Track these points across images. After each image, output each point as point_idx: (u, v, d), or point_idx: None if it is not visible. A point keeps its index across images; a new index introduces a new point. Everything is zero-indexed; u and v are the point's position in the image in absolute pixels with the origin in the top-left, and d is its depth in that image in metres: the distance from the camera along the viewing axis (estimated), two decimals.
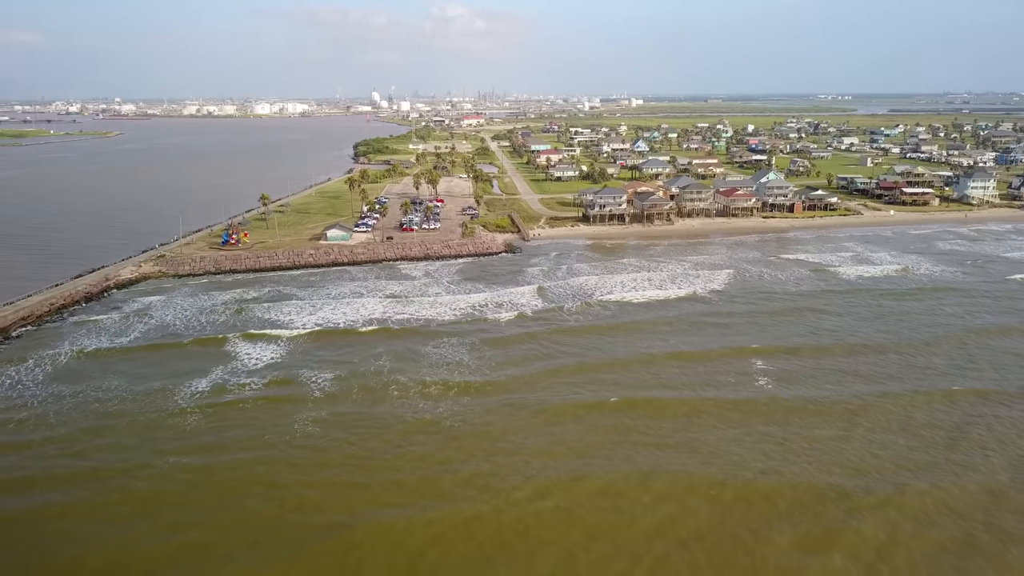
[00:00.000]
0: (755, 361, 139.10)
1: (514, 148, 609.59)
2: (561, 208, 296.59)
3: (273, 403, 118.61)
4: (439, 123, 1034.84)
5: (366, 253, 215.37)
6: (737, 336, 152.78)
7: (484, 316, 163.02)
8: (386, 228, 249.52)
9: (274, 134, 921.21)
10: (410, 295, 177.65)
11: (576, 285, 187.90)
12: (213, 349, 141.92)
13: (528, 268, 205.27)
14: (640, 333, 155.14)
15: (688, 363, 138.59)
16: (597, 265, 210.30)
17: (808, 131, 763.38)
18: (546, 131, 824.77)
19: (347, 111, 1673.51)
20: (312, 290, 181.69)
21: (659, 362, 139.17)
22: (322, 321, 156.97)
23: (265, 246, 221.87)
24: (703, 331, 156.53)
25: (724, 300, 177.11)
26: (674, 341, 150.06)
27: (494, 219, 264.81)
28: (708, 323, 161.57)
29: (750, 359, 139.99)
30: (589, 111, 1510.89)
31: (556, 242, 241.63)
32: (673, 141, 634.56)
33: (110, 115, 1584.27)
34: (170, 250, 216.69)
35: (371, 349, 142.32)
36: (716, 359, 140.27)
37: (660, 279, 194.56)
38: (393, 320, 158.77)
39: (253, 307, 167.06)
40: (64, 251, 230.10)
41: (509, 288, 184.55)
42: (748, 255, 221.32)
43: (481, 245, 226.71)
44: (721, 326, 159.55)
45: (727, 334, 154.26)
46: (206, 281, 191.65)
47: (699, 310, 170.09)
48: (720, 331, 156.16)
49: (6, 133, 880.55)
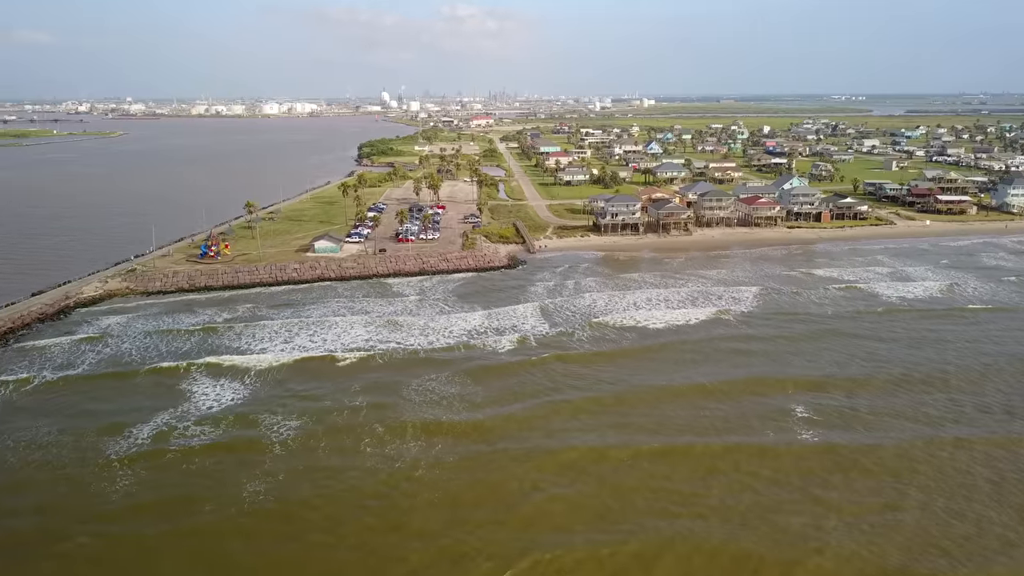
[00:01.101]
0: (787, 397, 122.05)
1: (523, 150, 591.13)
2: (570, 216, 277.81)
3: (223, 457, 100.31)
4: (448, 123, 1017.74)
5: (356, 268, 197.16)
6: (766, 366, 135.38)
7: (481, 343, 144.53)
8: (381, 238, 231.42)
9: (279, 134, 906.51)
10: (399, 318, 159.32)
11: (584, 306, 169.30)
12: (167, 385, 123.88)
13: (532, 285, 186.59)
14: (656, 363, 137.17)
15: (711, 399, 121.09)
16: (608, 281, 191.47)
17: (826, 133, 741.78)
18: (556, 132, 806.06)
19: (356, 111, 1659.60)
20: (291, 311, 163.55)
21: (678, 398, 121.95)
22: (297, 350, 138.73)
23: (247, 259, 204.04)
24: (727, 360, 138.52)
25: (750, 323, 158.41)
26: (695, 373, 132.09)
27: (497, 228, 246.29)
28: (733, 350, 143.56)
29: (781, 394, 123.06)
30: (600, 111, 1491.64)
31: (564, 254, 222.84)
32: (687, 143, 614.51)
33: (119, 115, 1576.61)
34: (143, 263, 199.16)
35: (349, 385, 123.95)
36: (743, 394, 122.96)
37: (678, 298, 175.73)
38: (377, 349, 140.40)
39: (223, 332, 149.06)
40: (30, 263, 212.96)
41: (510, 309, 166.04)
42: (774, 271, 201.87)
43: (482, 258, 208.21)
44: (747, 354, 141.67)
45: (755, 364, 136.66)
46: (176, 300, 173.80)
47: (722, 335, 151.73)
48: (747, 360, 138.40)
49: (8, 133, 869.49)
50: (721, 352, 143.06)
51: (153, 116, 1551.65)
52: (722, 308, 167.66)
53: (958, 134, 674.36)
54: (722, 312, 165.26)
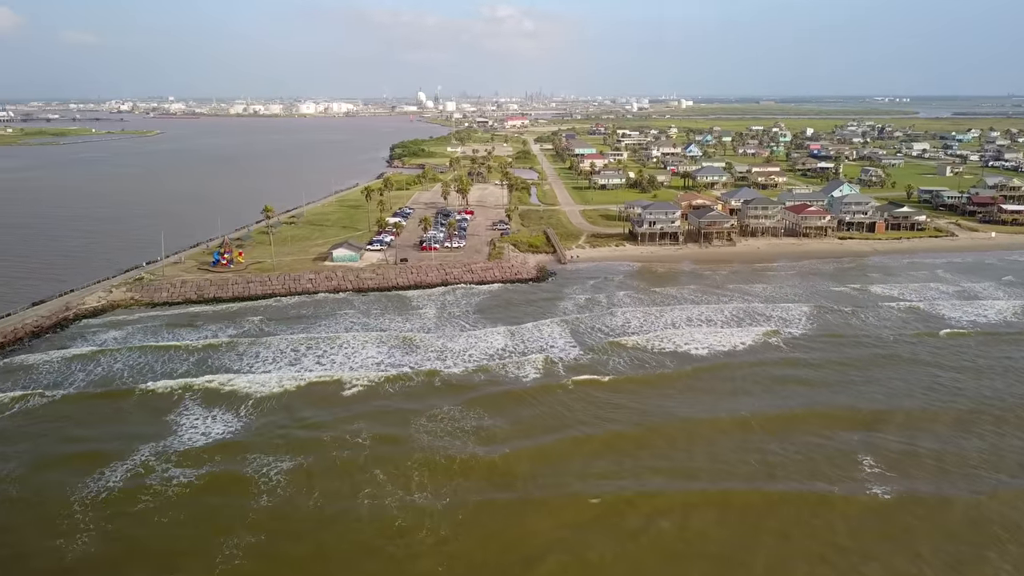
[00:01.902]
0: (842, 434, 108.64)
1: (557, 151, 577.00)
2: (605, 223, 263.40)
3: (201, 505, 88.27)
4: (482, 124, 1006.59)
5: (374, 279, 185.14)
6: (819, 397, 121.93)
7: (502, 367, 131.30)
8: (404, 246, 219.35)
9: (313, 134, 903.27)
10: (416, 336, 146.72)
11: (617, 325, 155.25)
12: (156, 412, 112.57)
13: (561, 300, 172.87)
14: (696, 392, 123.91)
15: (757, 436, 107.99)
16: (644, 297, 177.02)
17: (873, 135, 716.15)
18: (592, 133, 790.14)
19: (392, 111, 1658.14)
20: (301, 327, 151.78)
21: (720, 434, 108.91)
22: (302, 374, 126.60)
23: (260, 267, 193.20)
24: (776, 390, 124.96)
25: (800, 347, 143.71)
26: (740, 404, 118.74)
27: (527, 236, 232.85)
28: (782, 378, 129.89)
29: (836, 430, 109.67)
30: (637, 112, 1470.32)
31: (597, 265, 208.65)
32: (727, 145, 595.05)
33: (159, 114, 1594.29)
34: (152, 271, 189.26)
35: (354, 417, 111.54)
36: (793, 430, 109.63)
37: (721, 317, 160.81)
38: (389, 373, 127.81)
39: (225, 351, 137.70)
40: (41, 268, 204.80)
41: (536, 327, 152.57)
42: (826, 287, 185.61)
43: (509, 269, 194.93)
44: (799, 383, 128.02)
45: (806, 394, 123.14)
46: (181, 312, 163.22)
47: (770, 360, 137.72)
48: (797, 390, 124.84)
49: (47, 131, 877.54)
50: (769, 380, 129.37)
51: (192, 115, 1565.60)
52: (769, 329, 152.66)
53: (1013, 138, 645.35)
54: (769, 334, 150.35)
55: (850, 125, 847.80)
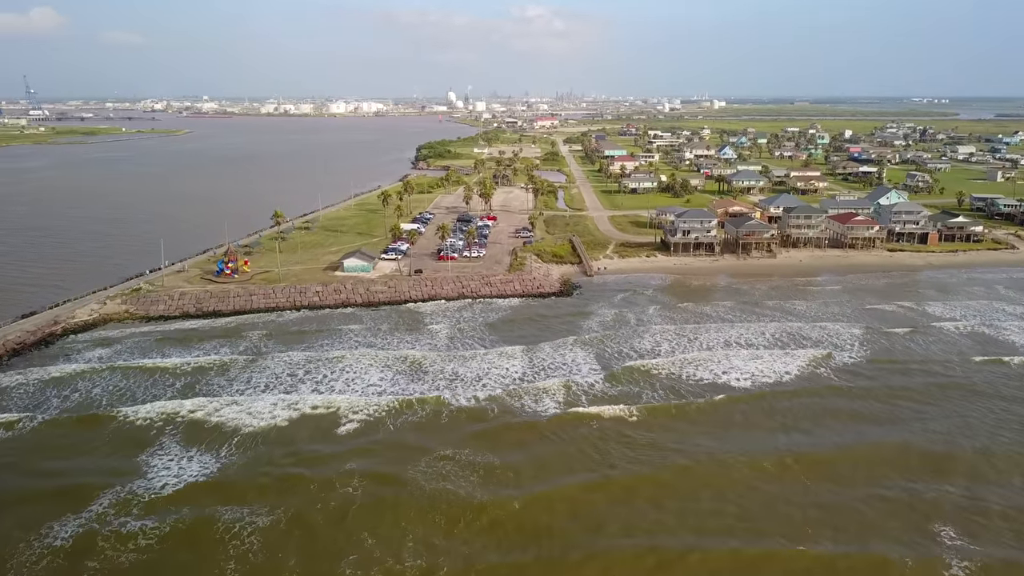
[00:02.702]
0: (906, 481, 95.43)
1: (586, 153, 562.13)
2: (634, 230, 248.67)
3: (155, 573, 76.01)
4: (511, 124, 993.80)
5: (386, 291, 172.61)
6: (877, 434, 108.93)
7: (519, 399, 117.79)
8: (420, 255, 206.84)
9: (341, 134, 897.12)
10: (426, 358, 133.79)
11: (647, 348, 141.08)
12: (129, 448, 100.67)
13: (586, 318, 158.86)
14: (735, 427, 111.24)
15: (807, 481, 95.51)
16: (676, 315, 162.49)
17: (915, 138, 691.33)
18: (623, 134, 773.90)
19: (421, 111, 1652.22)
20: (302, 347, 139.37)
21: (763, 478, 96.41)
22: (296, 403, 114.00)
23: (266, 278, 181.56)
24: (828, 426, 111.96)
25: (854, 376, 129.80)
26: (786, 442, 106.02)
27: (551, 245, 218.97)
28: (834, 412, 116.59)
29: (897, 475, 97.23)
30: (669, 113, 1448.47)
31: (626, 278, 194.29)
32: (762, 147, 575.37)
33: (192, 113, 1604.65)
34: (151, 281, 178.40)
35: (348, 457, 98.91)
36: (848, 474, 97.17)
37: (763, 340, 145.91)
38: (392, 404, 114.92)
39: (216, 375, 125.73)
40: (41, 275, 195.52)
41: (558, 350, 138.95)
42: (877, 305, 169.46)
43: (530, 282, 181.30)
44: (853, 418, 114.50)
45: (863, 432, 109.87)
46: (177, 328, 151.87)
47: (820, 389, 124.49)
48: (853, 427, 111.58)
49: (78, 131, 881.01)
50: (819, 414, 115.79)
51: (224, 115, 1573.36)
52: (818, 355, 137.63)
53: None
54: (818, 360, 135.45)
55: (889, 127, 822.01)
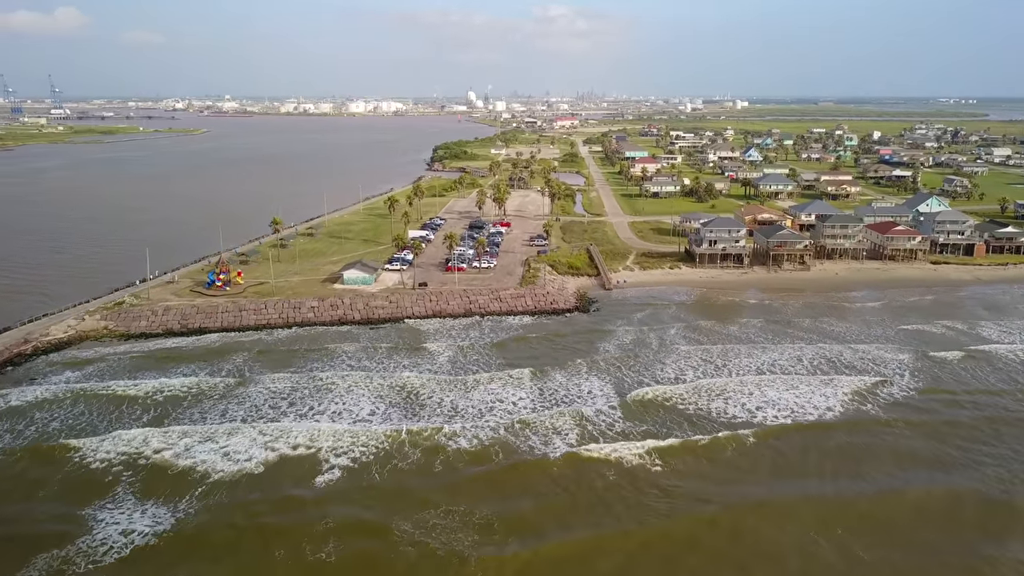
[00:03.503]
0: (983, 540, 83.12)
1: (606, 154, 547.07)
2: (656, 238, 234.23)
3: None
4: (530, 124, 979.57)
5: (386, 307, 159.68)
6: (941, 479, 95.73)
7: (525, 439, 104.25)
8: (427, 265, 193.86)
9: (359, 134, 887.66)
10: (423, 388, 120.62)
11: (670, 375, 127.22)
12: (77, 498, 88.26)
13: (603, 340, 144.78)
14: (771, 469, 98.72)
15: (856, 537, 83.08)
16: (702, 336, 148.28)
17: (947, 140, 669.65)
18: (644, 134, 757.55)
19: (441, 111, 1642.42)
20: (289, 373, 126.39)
21: (806, 535, 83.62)
22: (274, 443, 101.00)
23: (259, 291, 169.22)
24: (880, 469, 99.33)
25: (906, 410, 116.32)
26: (832, 488, 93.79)
27: (567, 255, 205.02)
28: (886, 451, 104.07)
29: (970, 531, 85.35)
30: (691, 113, 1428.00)
31: (648, 292, 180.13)
32: (788, 149, 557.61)
33: (212, 112, 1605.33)
34: (137, 293, 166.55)
35: (323, 513, 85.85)
36: (908, 530, 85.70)
37: (800, 367, 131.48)
38: (382, 443, 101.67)
39: (190, 406, 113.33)
40: (30, 284, 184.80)
41: (572, 378, 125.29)
42: (925, 327, 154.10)
43: (543, 298, 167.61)
44: (911, 460, 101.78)
45: (925, 478, 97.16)
46: (157, 347, 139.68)
47: (867, 426, 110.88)
48: (912, 473, 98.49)
49: (95, 130, 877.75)
50: (869, 454, 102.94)
51: (244, 114, 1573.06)
52: (863, 385, 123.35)
53: None
54: (862, 392, 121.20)
55: (919, 128, 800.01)
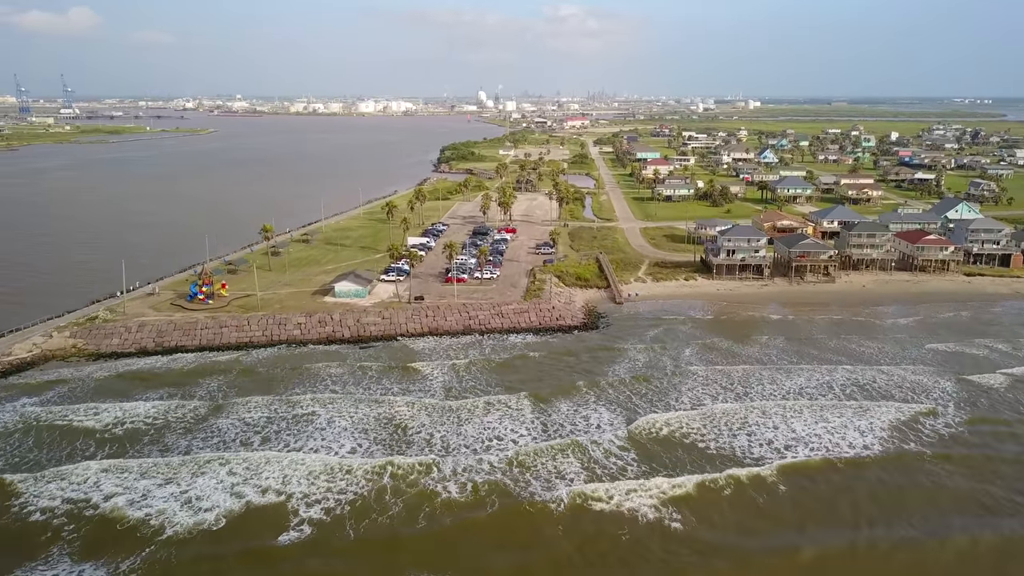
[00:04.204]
0: None
1: (617, 155, 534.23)
2: (670, 246, 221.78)
3: None
4: (540, 124, 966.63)
5: (378, 324, 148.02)
6: (1010, 525, 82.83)
7: (524, 483, 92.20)
8: (426, 275, 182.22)
9: (367, 134, 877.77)
10: (412, 419, 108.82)
11: (687, 406, 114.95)
12: (4, 561, 77.14)
13: (613, 363, 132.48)
14: (808, 524, 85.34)
15: None
16: (721, 358, 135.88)
17: (966, 140, 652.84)
18: (656, 135, 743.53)
19: (451, 111, 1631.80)
20: (268, 400, 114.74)
21: None
22: (238, 489, 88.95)
23: (244, 304, 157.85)
24: (934, 514, 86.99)
25: (952, 445, 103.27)
26: (878, 536, 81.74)
27: (574, 265, 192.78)
28: (941, 492, 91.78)
29: None
30: (703, 113, 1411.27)
31: (662, 306, 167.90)
32: (804, 150, 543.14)
33: (223, 112, 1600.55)
34: (113, 307, 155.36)
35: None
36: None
37: (830, 396, 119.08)
38: (362, 488, 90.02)
39: (150, 443, 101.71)
40: (5, 294, 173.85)
41: (577, 408, 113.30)
42: (965, 349, 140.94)
43: (549, 313, 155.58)
44: (969, 502, 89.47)
45: (991, 523, 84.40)
46: (127, 368, 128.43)
47: (913, 460, 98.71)
48: (972, 519, 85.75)
49: (102, 129, 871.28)
50: (919, 497, 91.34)
51: (254, 114, 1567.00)
52: (901, 416, 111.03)
53: None
54: (902, 423, 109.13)
55: (936, 128, 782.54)
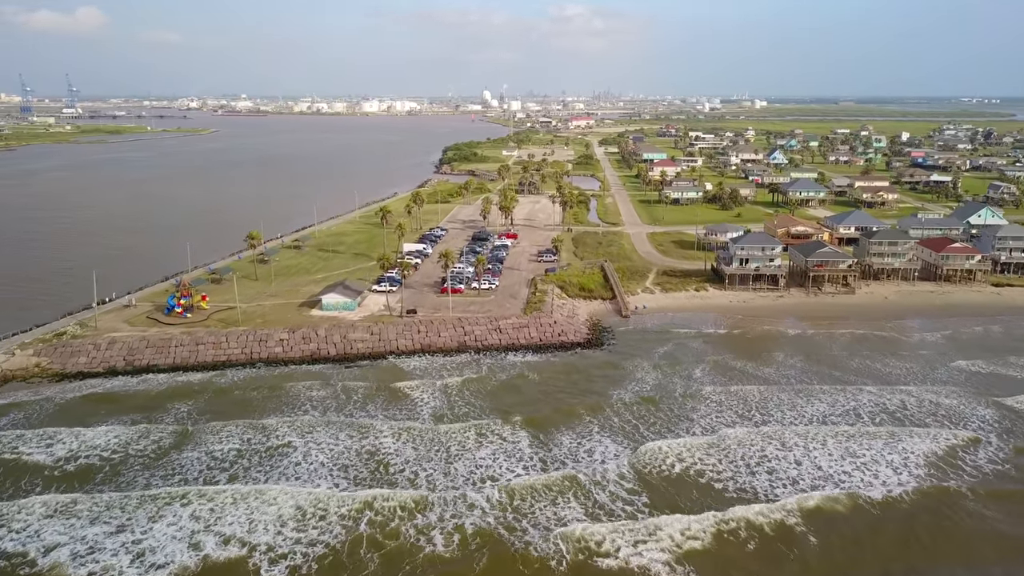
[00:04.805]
0: None
1: (623, 156, 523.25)
2: (679, 253, 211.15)
3: None
4: (545, 124, 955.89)
5: (367, 340, 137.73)
6: None
7: (519, 532, 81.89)
8: (420, 285, 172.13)
9: (369, 134, 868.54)
10: (397, 457, 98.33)
11: (699, 435, 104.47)
12: None
13: (618, 387, 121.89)
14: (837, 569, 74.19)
15: None
16: (735, 380, 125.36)
17: (979, 141, 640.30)
18: (662, 135, 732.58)
19: (455, 110, 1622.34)
20: (240, 428, 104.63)
21: None
22: (197, 540, 78.85)
23: (225, 318, 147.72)
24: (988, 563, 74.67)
25: (1001, 485, 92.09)
26: None
27: (578, 274, 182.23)
28: (991, 538, 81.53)
29: None
30: (709, 113, 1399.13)
31: (671, 319, 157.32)
32: (814, 151, 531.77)
33: (226, 111, 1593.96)
34: (84, 321, 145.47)
35: None
36: None
37: (857, 425, 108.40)
38: (334, 538, 79.94)
39: (103, 480, 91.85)
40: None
41: (580, 442, 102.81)
42: (1000, 369, 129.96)
43: (550, 328, 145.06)
44: (1009, 553, 78.71)
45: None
46: (92, 391, 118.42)
47: (956, 501, 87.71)
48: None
49: (102, 129, 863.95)
50: (964, 545, 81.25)
51: (258, 113, 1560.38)
52: (938, 447, 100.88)
53: None
54: (939, 456, 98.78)
55: (947, 128, 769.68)
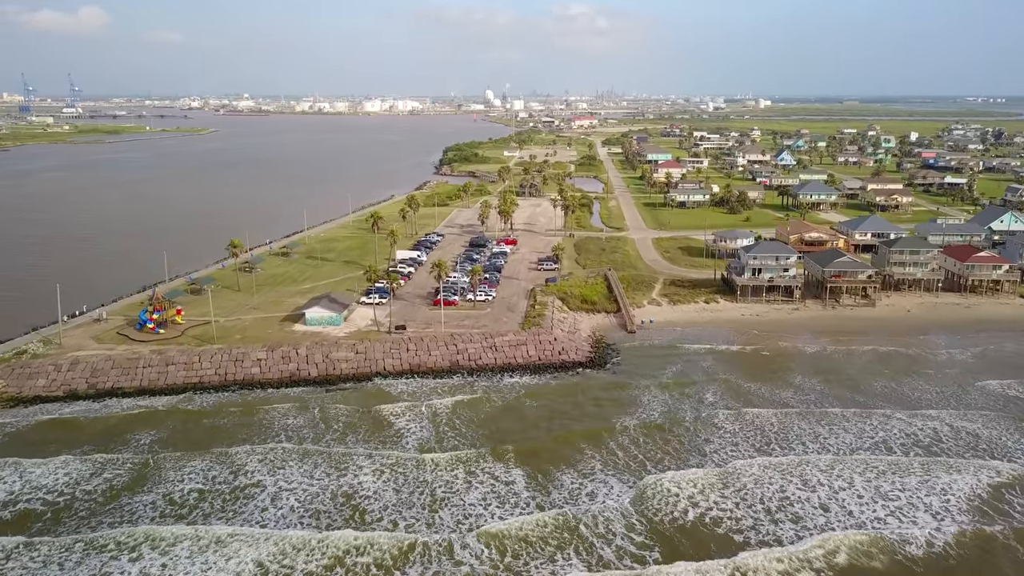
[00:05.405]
0: None
1: (627, 156, 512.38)
2: (687, 260, 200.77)
3: None
4: (548, 124, 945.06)
5: (351, 360, 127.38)
6: None
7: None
8: (412, 297, 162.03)
9: (370, 134, 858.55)
10: (375, 500, 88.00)
11: (713, 471, 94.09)
12: None
13: (623, 414, 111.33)
14: None
15: None
16: (750, 402, 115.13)
17: (989, 141, 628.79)
18: (666, 135, 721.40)
19: (458, 110, 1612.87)
20: (204, 464, 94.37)
21: None
22: None
23: (200, 334, 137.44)
24: None
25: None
26: None
27: (580, 285, 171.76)
28: None
29: None
30: (713, 112, 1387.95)
31: (680, 335, 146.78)
32: (823, 152, 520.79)
33: (228, 111, 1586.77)
34: (49, 337, 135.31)
35: None
36: None
37: (884, 454, 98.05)
38: None
39: (47, 527, 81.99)
40: None
41: (582, 483, 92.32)
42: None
43: (550, 345, 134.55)
44: None
45: None
46: (49, 417, 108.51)
47: (998, 560, 77.08)
48: None
49: (100, 129, 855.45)
50: None
51: (259, 113, 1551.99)
52: (980, 486, 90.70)
53: None
54: (985, 498, 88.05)
55: (956, 128, 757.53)
